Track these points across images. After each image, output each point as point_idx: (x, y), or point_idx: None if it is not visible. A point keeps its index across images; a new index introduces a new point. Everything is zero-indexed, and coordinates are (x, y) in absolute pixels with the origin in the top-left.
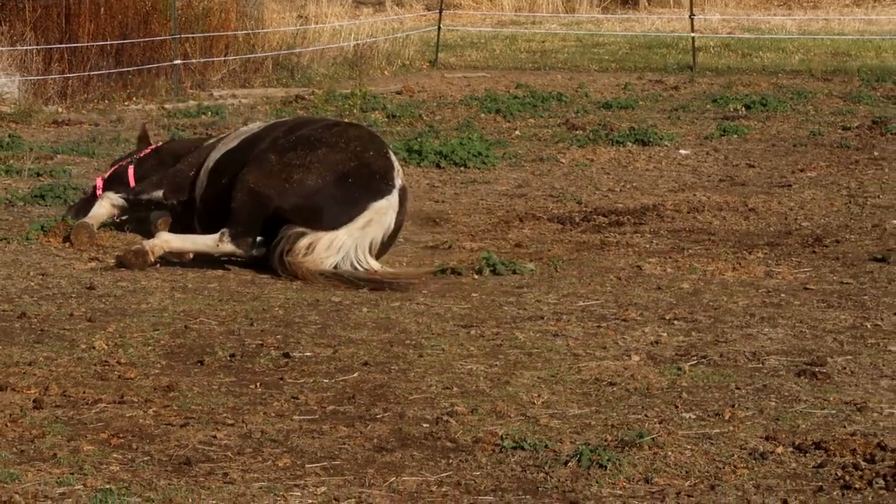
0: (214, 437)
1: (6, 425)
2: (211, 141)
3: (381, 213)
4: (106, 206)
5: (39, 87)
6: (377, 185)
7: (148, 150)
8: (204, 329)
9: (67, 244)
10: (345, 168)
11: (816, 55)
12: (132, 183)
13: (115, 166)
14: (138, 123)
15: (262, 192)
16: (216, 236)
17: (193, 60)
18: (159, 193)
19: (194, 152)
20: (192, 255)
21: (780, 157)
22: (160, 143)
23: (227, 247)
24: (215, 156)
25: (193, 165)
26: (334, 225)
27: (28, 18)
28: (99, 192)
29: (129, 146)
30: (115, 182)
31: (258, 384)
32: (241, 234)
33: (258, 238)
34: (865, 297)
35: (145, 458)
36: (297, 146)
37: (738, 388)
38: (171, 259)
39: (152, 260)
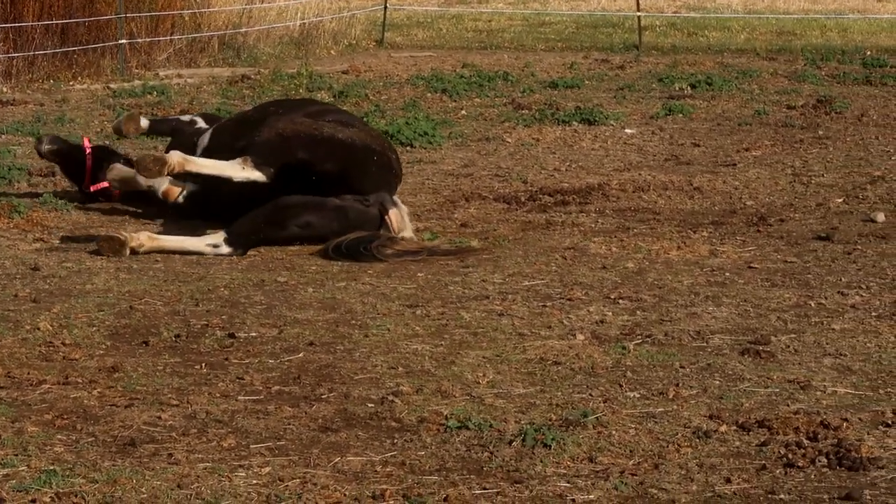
0: (159, 417)
1: None
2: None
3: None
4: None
5: None
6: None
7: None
8: (149, 310)
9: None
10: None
11: (762, 34)
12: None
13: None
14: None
15: (290, 137)
16: (239, 160)
17: (139, 40)
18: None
19: None
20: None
21: (725, 137)
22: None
23: (254, 173)
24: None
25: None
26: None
27: None
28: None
29: (75, 126)
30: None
31: (203, 365)
32: (263, 164)
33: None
34: (809, 275)
35: (90, 440)
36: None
37: (682, 367)
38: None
39: (176, 170)
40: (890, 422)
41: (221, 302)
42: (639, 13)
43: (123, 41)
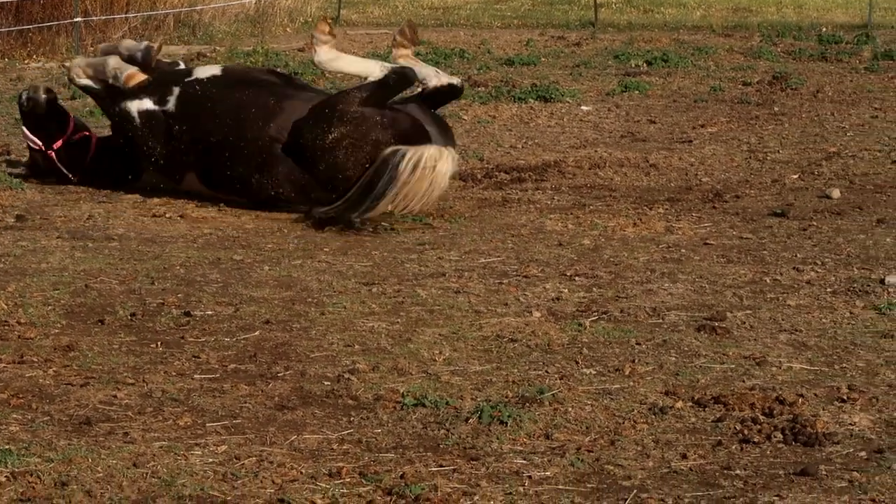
0: (115, 396)
1: None
2: None
3: None
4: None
5: None
6: None
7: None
8: (104, 288)
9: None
10: None
11: (717, 11)
12: None
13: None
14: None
15: None
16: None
17: (94, 18)
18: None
19: None
20: None
21: (680, 113)
22: None
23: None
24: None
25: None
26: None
27: None
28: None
29: None
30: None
31: (159, 343)
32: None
33: None
34: (765, 251)
35: (45, 419)
36: None
37: (638, 344)
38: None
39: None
40: (845, 397)
41: (177, 280)
42: None
43: (79, 19)
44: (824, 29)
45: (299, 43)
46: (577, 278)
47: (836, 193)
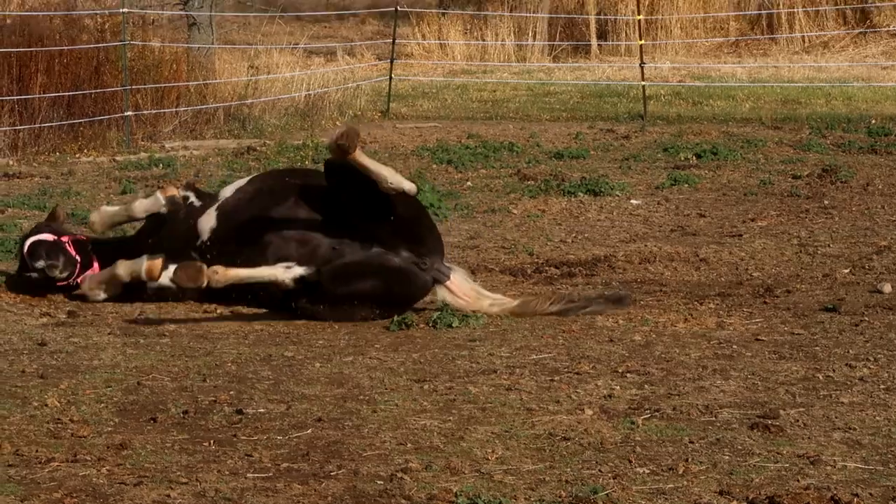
0: (168, 496)
1: None
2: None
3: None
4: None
5: None
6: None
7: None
8: (157, 385)
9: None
10: None
11: (766, 103)
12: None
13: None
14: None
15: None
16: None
17: (145, 112)
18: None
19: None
20: None
21: (730, 207)
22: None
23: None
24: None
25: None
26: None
27: None
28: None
29: (81, 199)
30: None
31: (211, 441)
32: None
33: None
34: (817, 347)
35: None
36: None
37: (691, 442)
38: None
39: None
40: None
41: (229, 377)
42: (643, 83)
43: (129, 113)
44: (874, 121)
45: None
46: (628, 375)
47: (887, 288)
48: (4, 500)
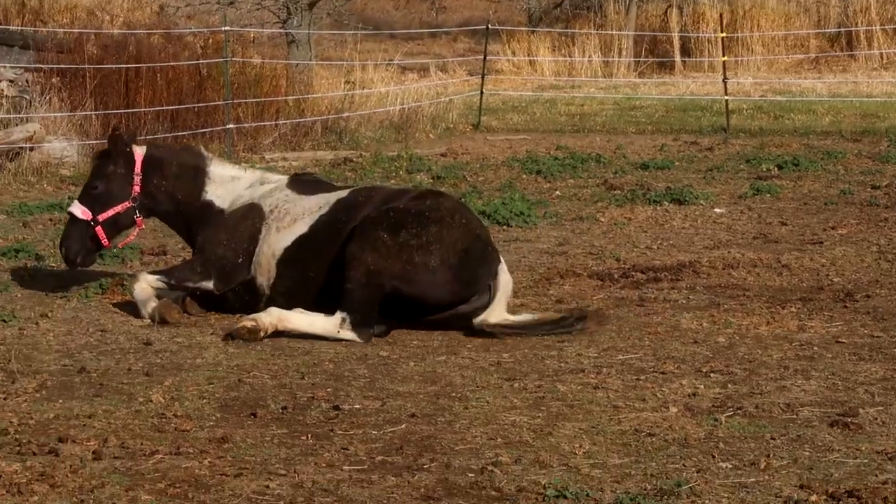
0: (267, 487)
1: (67, 476)
2: (243, 209)
3: (505, 284)
4: (147, 290)
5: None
6: (491, 255)
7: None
8: (257, 383)
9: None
10: (463, 245)
11: (846, 117)
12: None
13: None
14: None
15: (381, 276)
16: (336, 321)
17: (246, 125)
18: (208, 285)
19: (239, 226)
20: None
21: (811, 216)
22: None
23: (349, 334)
24: (280, 244)
25: (241, 251)
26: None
27: (88, 85)
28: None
29: None
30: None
31: (309, 436)
32: (361, 323)
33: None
34: (895, 350)
35: None
36: (406, 223)
37: (772, 439)
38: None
39: (262, 336)
40: None
41: (326, 375)
42: (727, 97)
43: (231, 126)
44: None
45: (441, 148)
46: (712, 375)
47: None
48: (111, 490)
